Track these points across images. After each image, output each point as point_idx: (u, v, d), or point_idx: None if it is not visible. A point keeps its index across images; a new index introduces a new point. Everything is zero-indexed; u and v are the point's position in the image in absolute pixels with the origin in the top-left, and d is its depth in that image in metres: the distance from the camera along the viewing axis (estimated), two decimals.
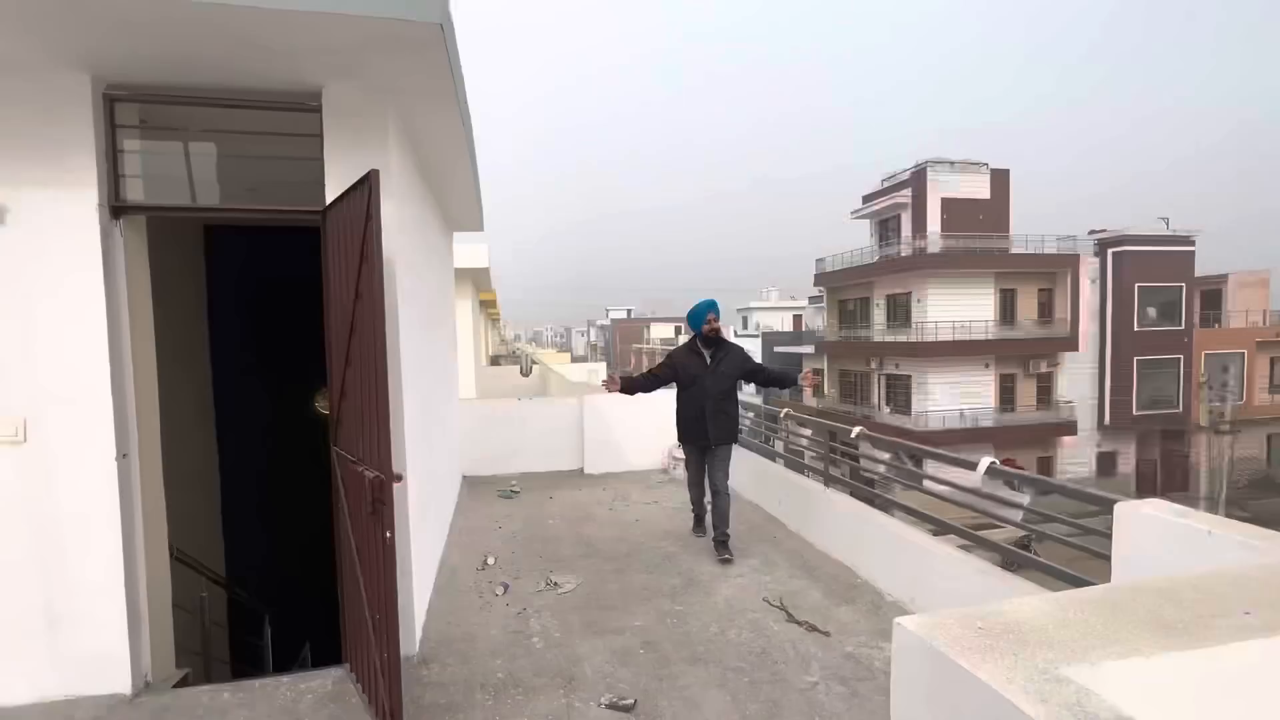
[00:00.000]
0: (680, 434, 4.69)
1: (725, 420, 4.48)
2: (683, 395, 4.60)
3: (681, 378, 4.56)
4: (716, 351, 4.53)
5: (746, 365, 4.63)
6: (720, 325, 4.60)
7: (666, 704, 2.81)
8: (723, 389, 4.47)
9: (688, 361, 4.57)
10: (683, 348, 4.72)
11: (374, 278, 2.30)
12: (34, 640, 2.75)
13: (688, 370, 4.53)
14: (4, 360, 2.65)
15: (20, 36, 2.36)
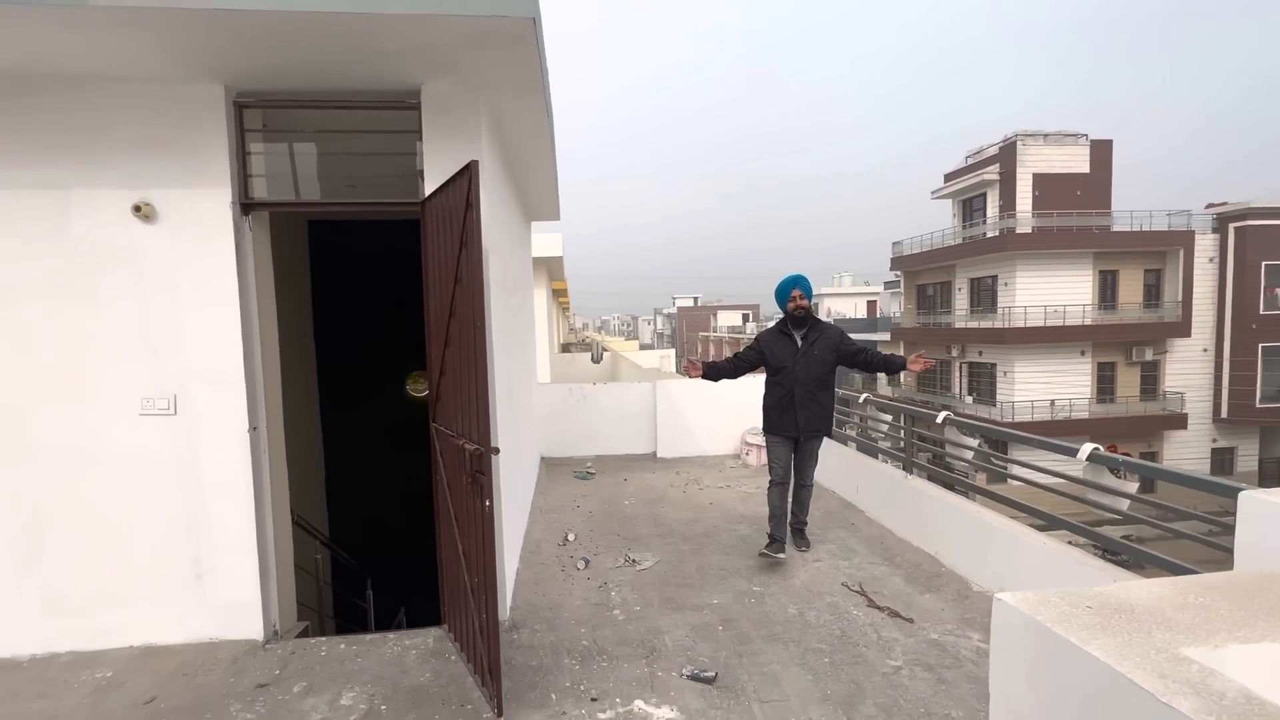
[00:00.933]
0: (766, 424, 4.28)
1: (817, 410, 4.07)
2: (770, 381, 4.22)
3: (769, 362, 4.17)
4: (808, 333, 4.10)
5: (844, 347, 4.11)
6: (810, 303, 4.13)
7: (747, 678, 2.87)
8: (815, 375, 4.05)
9: (776, 344, 4.17)
10: (771, 329, 4.33)
11: (474, 263, 2.45)
12: (186, 589, 3.13)
13: (776, 354, 4.13)
14: (157, 342, 3.01)
15: (167, 54, 2.65)
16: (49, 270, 2.93)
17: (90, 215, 2.94)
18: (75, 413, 3.02)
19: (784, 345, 4.14)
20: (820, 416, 4.11)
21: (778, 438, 4.23)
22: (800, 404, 4.05)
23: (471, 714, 2.63)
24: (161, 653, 3.12)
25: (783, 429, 4.17)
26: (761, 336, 4.30)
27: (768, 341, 4.23)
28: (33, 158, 2.88)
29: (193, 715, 2.66)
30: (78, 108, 2.89)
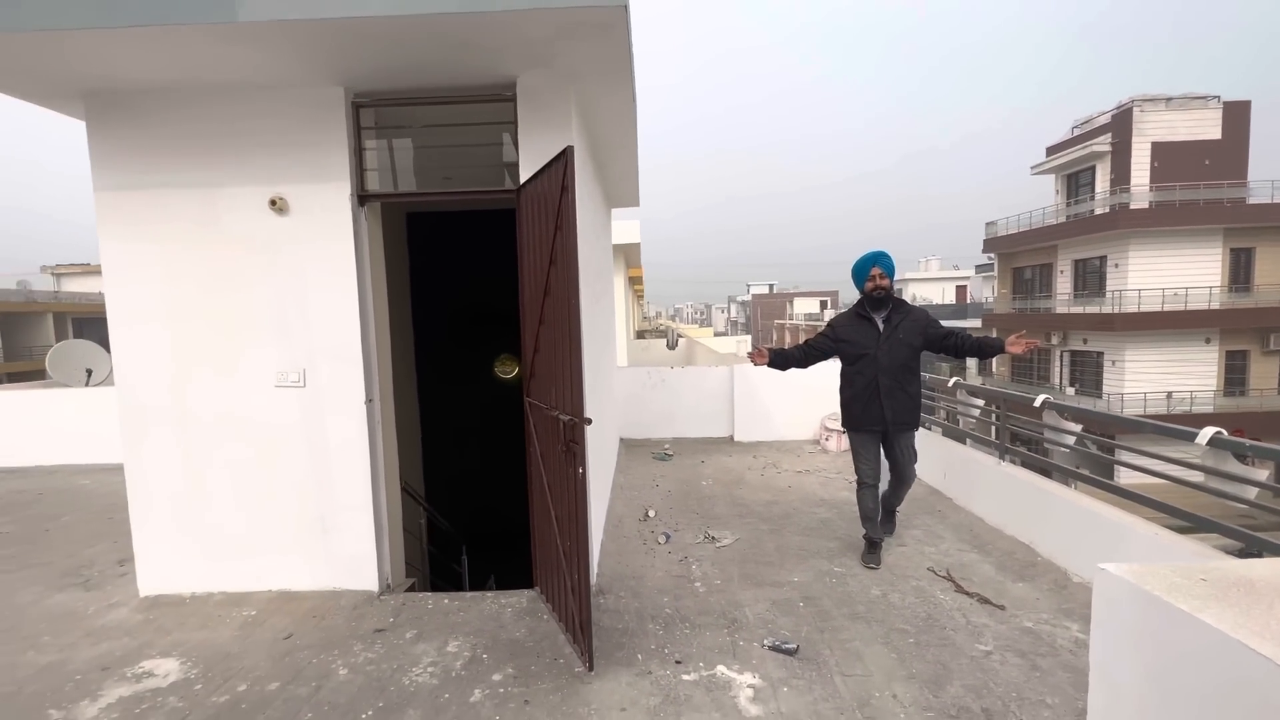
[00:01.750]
0: (846, 419, 3.84)
1: (905, 400, 3.66)
2: (848, 372, 3.79)
3: (845, 350, 3.76)
4: (891, 315, 3.69)
5: (932, 331, 3.70)
6: (891, 282, 3.69)
7: (829, 653, 2.90)
8: (900, 361, 3.63)
9: (853, 330, 3.75)
10: (846, 314, 3.89)
11: (568, 244, 2.60)
12: (314, 542, 3.52)
13: (853, 341, 3.72)
14: (289, 322, 3.38)
15: (299, 62, 2.95)
16: (203, 258, 3.35)
17: (234, 209, 3.32)
18: (223, 384, 3.44)
19: (863, 330, 3.73)
20: (909, 407, 3.69)
21: (863, 434, 3.80)
22: (886, 394, 3.63)
23: (564, 667, 2.83)
24: (295, 597, 3.53)
25: (867, 423, 3.74)
26: (836, 322, 3.88)
27: (844, 327, 3.80)
28: (190, 160, 3.29)
29: (323, 651, 3.01)
30: (224, 115, 3.27)
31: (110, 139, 3.27)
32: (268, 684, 2.75)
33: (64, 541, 4.70)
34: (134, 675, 2.85)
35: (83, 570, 4.11)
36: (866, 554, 3.91)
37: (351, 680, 2.76)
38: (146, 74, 3.01)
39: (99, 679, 2.83)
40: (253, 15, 2.46)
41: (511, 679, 2.74)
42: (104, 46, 2.67)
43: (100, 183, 3.28)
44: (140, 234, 3.34)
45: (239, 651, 3.02)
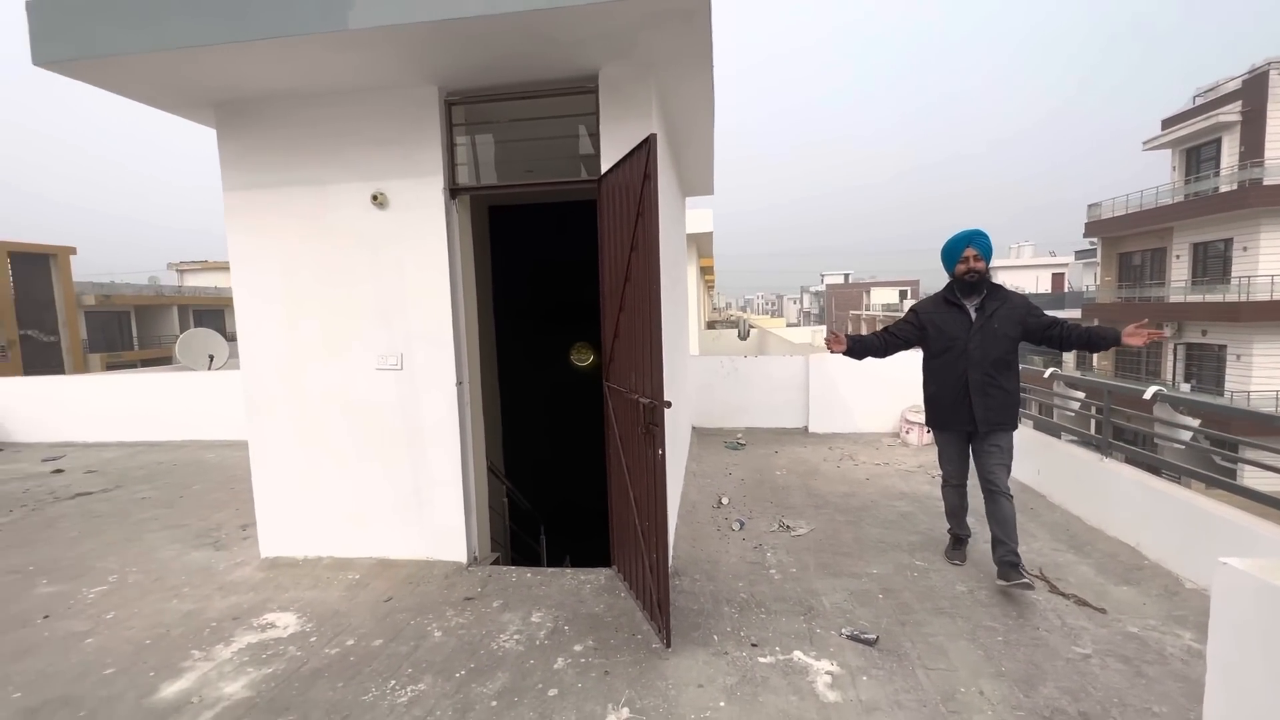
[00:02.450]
0: (931, 417, 3.52)
1: (999, 396, 3.28)
2: (934, 364, 3.45)
3: (931, 340, 3.43)
4: (985, 302, 3.33)
5: (1033, 320, 3.28)
6: (987, 265, 3.32)
7: (910, 645, 2.84)
8: (995, 354, 3.26)
9: (940, 317, 3.40)
10: (933, 299, 3.52)
11: (649, 231, 2.66)
12: (411, 514, 3.78)
13: (940, 329, 3.38)
14: (390, 308, 3.63)
15: (400, 64, 3.15)
16: (314, 250, 3.65)
17: (341, 204, 3.60)
18: (332, 366, 3.75)
19: (952, 318, 3.37)
20: (1003, 405, 3.29)
21: (948, 434, 3.50)
22: (976, 390, 3.28)
23: (641, 642, 2.92)
24: (393, 565, 3.81)
25: (954, 422, 3.40)
26: (921, 308, 3.52)
27: (929, 314, 3.45)
28: (303, 159, 3.59)
29: (419, 614, 3.24)
30: (332, 117, 3.54)
31: (237, 143, 3.62)
32: (372, 640, 3.00)
33: (196, 507, 5.27)
34: (259, 625, 3.18)
35: (212, 532, 4.60)
36: (951, 550, 3.76)
37: (445, 642, 2.97)
38: (268, 83, 3.31)
39: (231, 627, 3.18)
40: (361, 22, 2.66)
41: (592, 650, 2.86)
42: (234, 60, 2.96)
43: (228, 183, 3.65)
44: (261, 229, 3.68)
45: (346, 610, 3.30)
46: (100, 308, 27.63)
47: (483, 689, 2.59)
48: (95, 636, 3.12)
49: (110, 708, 2.54)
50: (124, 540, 4.49)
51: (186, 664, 2.85)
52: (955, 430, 3.46)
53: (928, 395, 3.53)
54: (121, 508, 5.32)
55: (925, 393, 3.55)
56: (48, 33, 2.78)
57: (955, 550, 3.74)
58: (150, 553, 4.23)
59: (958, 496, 3.65)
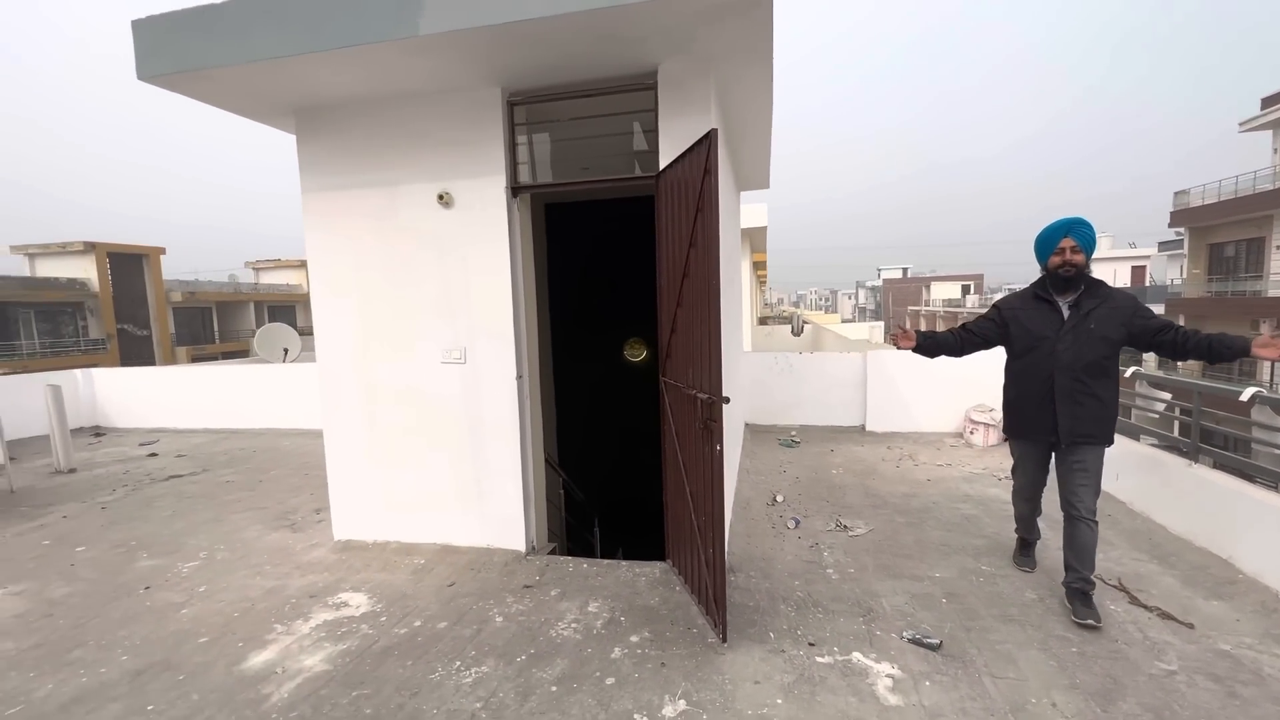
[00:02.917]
0: (1009, 423, 3.23)
1: (1090, 405, 2.91)
2: (1016, 366, 3.14)
3: (1014, 338, 3.11)
4: (1082, 299, 2.96)
5: (1139, 322, 2.87)
6: (1085, 259, 2.94)
7: (976, 652, 2.75)
8: (1088, 357, 2.89)
9: (1027, 314, 3.07)
10: (1020, 295, 3.17)
11: (709, 226, 2.65)
12: (472, 503, 3.92)
13: (1026, 327, 3.05)
14: (455, 304, 3.76)
15: (466, 66, 3.25)
16: (384, 248, 3.82)
17: (409, 204, 3.75)
18: (399, 359, 3.92)
19: (1041, 315, 3.03)
20: (1095, 416, 2.92)
21: (1026, 443, 3.20)
22: (1063, 397, 2.94)
23: (697, 637, 2.93)
24: (456, 551, 3.96)
25: (1034, 431, 3.08)
26: (1005, 304, 3.19)
27: (1014, 310, 3.13)
28: (374, 161, 3.76)
29: (481, 599, 3.36)
30: (401, 120, 3.69)
31: (314, 147, 3.82)
32: (438, 622, 3.13)
33: (274, 490, 5.61)
34: (334, 604, 3.37)
35: (289, 515, 4.89)
36: (1019, 555, 3.59)
37: (506, 627, 3.07)
38: (343, 89, 3.48)
39: (309, 604, 3.38)
40: (431, 28, 2.76)
41: (648, 641, 2.90)
42: (313, 69, 3.13)
43: (306, 185, 3.86)
44: (336, 228, 3.88)
45: (413, 593, 3.45)
46: (186, 304, 29.65)
47: (543, 674, 2.67)
48: (189, 608, 3.38)
49: (205, 674, 2.75)
50: (212, 520, 4.83)
51: (270, 637, 3.05)
52: (1035, 440, 3.15)
53: (1007, 399, 3.22)
54: (208, 490, 5.72)
55: (1005, 396, 3.24)
56: (151, 50, 3.01)
57: (1024, 555, 3.56)
58: (235, 532, 4.53)
59: (1027, 505, 3.42)
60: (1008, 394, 3.22)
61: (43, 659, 2.91)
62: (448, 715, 2.42)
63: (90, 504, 5.37)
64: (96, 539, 4.50)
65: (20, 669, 2.83)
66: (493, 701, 2.49)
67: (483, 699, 2.51)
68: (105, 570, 3.92)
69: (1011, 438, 3.30)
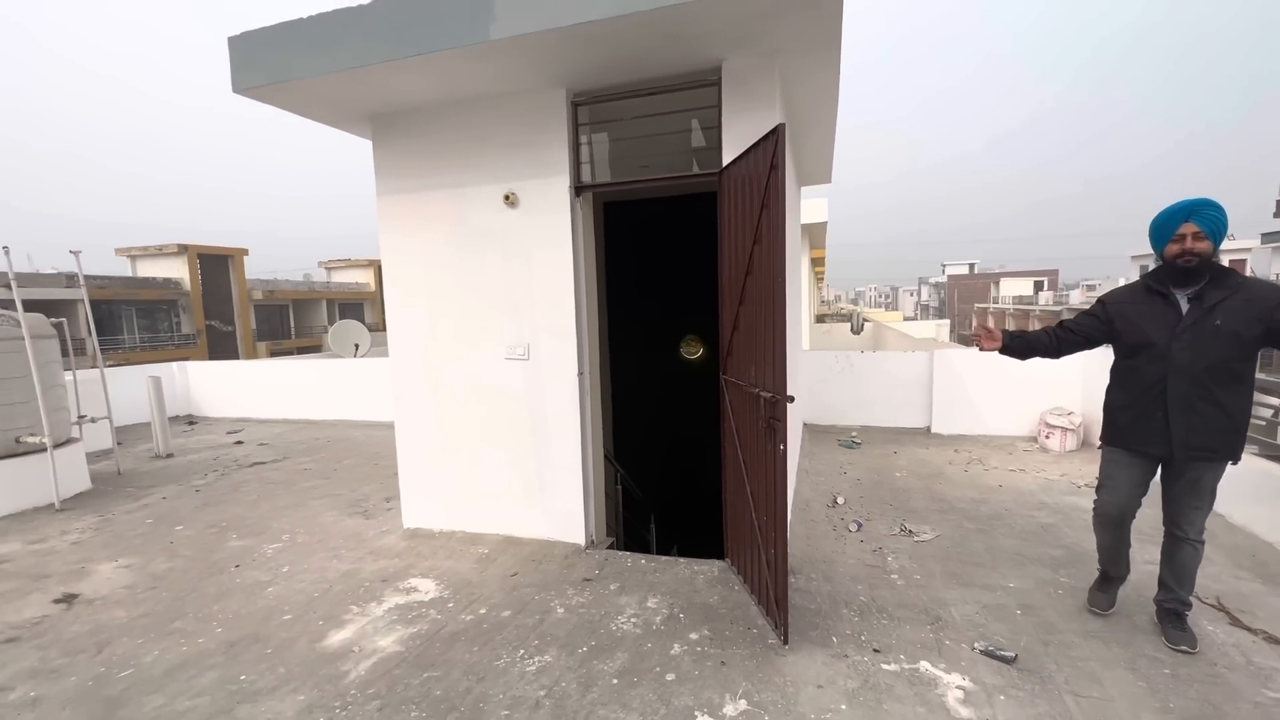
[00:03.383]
0: (1109, 431, 2.81)
1: (1212, 416, 2.52)
2: (1123, 366, 2.75)
3: (1123, 336, 2.71)
4: (1204, 292, 2.54)
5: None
6: (1212, 247, 2.52)
7: (1055, 668, 2.61)
8: (1210, 359, 2.50)
9: (1137, 310, 2.68)
10: (1130, 288, 2.78)
11: (774, 223, 2.62)
12: (534, 496, 4.02)
13: (1134, 324, 2.66)
14: (519, 302, 3.86)
15: (533, 69, 3.33)
16: (453, 248, 3.96)
17: (477, 205, 3.87)
18: (466, 356, 4.05)
19: (1154, 311, 2.63)
20: (1217, 428, 2.53)
21: (1126, 453, 2.76)
22: (1178, 404, 2.55)
23: (757, 637, 2.91)
24: (518, 542, 4.07)
25: (1140, 441, 2.68)
26: (1112, 298, 2.80)
27: (1122, 306, 2.73)
28: (444, 164, 3.89)
29: (542, 590, 3.44)
30: (469, 124, 3.81)
31: (388, 152, 4.00)
32: (501, 611, 3.23)
33: (348, 479, 5.91)
34: (404, 589, 3.52)
35: (362, 503, 5.14)
36: (1096, 591, 3.05)
37: (567, 619, 3.13)
38: (416, 95, 3.62)
39: (381, 588, 3.54)
40: (501, 33, 2.84)
41: (707, 640, 2.89)
42: (391, 76, 3.27)
43: (381, 188, 4.04)
44: (407, 229, 4.05)
45: (478, 581, 3.57)
46: (266, 301, 31.57)
47: (604, 666, 2.71)
48: (274, 586, 3.61)
49: (290, 648, 2.94)
50: (292, 505, 5.14)
51: (347, 617, 3.22)
52: (1138, 453, 2.71)
53: (1110, 404, 2.82)
54: (289, 477, 6.08)
55: (1107, 399, 2.83)
56: (245, 63, 3.22)
57: (1101, 592, 3.03)
58: (313, 517, 4.80)
59: (1115, 535, 2.88)
60: (1111, 398, 2.82)
61: (149, 627, 3.18)
62: (513, 701, 2.49)
63: (186, 487, 5.81)
64: (192, 519, 4.86)
65: (130, 636, 3.10)
66: (555, 690, 2.55)
67: (546, 687, 2.57)
68: (200, 548, 4.24)
69: (1108, 445, 2.85)
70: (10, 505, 5.09)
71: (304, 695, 2.57)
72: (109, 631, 3.15)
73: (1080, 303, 38.86)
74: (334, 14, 3.07)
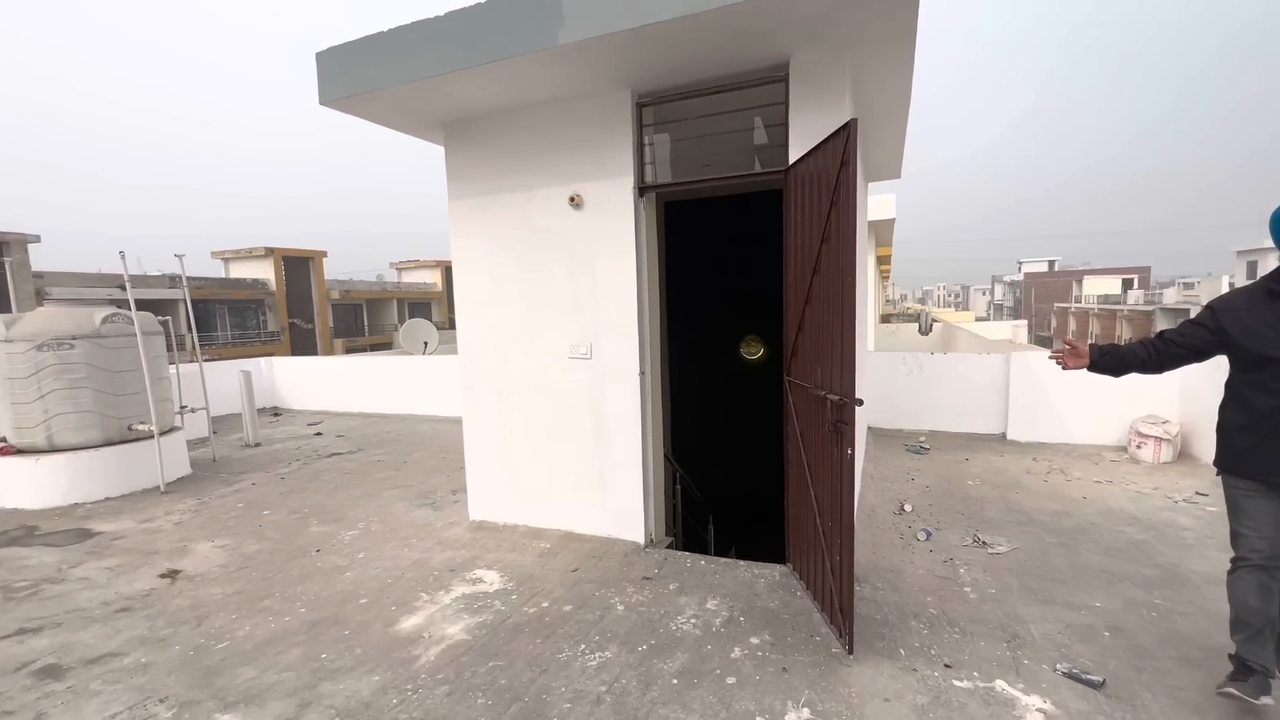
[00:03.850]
0: (1225, 457, 2.42)
1: None
2: (1241, 383, 2.37)
3: (1239, 348, 2.33)
4: None
5: None
6: None
7: (1150, 697, 2.43)
8: None
9: (1256, 317, 2.30)
10: (1245, 293, 2.40)
11: (844, 221, 2.55)
12: (594, 493, 4.07)
13: (1257, 334, 2.28)
14: (583, 302, 3.92)
15: (598, 72, 3.37)
16: (520, 249, 4.06)
17: (543, 207, 3.95)
18: (531, 355, 4.15)
19: (1274, 317, 2.26)
20: None
21: (1256, 485, 2.33)
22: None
23: (820, 645, 2.84)
24: (579, 539, 4.14)
25: (1264, 469, 2.30)
26: (1223, 304, 2.40)
27: (1237, 312, 2.34)
28: (510, 167, 4.00)
29: (603, 587, 3.48)
30: (536, 127, 3.90)
31: (459, 157, 4.14)
32: (563, 605, 3.29)
33: (417, 471, 6.17)
34: (470, 579, 3.64)
35: (430, 495, 5.36)
36: (1234, 681, 2.33)
37: (627, 616, 3.16)
38: (487, 101, 3.74)
39: (449, 577, 3.68)
40: (569, 38, 2.90)
41: (769, 645, 2.85)
42: (465, 84, 3.39)
43: (453, 192, 4.19)
44: (476, 232, 4.18)
45: (540, 575, 3.65)
46: (342, 301, 33.32)
47: (663, 665, 2.72)
48: (352, 571, 3.81)
49: (366, 631, 3.09)
50: (366, 495, 5.41)
51: (418, 604, 3.36)
52: (1265, 481, 2.31)
53: (1225, 424, 2.42)
54: (363, 467, 6.40)
55: (1222, 420, 2.43)
56: (331, 77, 3.41)
57: (1244, 681, 2.30)
58: (386, 507, 5.04)
59: (1257, 592, 2.32)
60: (1227, 417, 2.42)
61: (241, 604, 3.42)
62: (574, 695, 2.54)
63: (272, 474, 6.21)
64: (278, 505, 5.20)
65: (225, 611, 3.35)
66: (616, 687, 2.58)
67: (606, 683, 2.60)
68: (285, 532, 4.52)
69: (1229, 475, 2.41)
70: (123, 487, 5.59)
71: (379, 676, 2.71)
72: (207, 606, 3.41)
73: (1175, 302, 35.87)
74: (412, 26, 3.21)
